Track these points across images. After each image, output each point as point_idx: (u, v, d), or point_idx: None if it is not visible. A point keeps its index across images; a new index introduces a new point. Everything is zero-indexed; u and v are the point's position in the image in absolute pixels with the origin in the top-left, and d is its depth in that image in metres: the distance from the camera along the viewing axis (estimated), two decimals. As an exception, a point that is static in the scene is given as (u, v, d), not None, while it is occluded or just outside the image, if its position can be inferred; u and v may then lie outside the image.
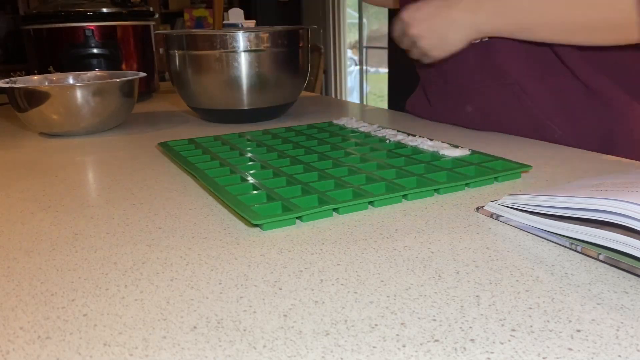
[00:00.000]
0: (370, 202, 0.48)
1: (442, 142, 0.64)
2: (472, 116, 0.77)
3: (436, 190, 0.50)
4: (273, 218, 0.43)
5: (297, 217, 0.45)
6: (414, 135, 0.68)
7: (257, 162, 0.60)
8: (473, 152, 0.60)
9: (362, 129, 0.75)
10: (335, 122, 0.81)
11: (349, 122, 0.79)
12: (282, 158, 0.61)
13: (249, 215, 0.43)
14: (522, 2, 0.59)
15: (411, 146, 0.64)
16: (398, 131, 0.72)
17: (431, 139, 0.65)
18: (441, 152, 0.60)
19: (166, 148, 0.68)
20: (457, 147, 0.62)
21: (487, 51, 0.69)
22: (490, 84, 0.70)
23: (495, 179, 0.54)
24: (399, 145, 0.65)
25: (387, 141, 0.67)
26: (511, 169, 0.54)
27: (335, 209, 0.46)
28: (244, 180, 0.53)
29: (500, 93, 0.71)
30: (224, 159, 0.62)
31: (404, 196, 0.49)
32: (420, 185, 0.50)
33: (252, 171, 0.57)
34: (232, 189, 0.50)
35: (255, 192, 0.49)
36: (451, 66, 0.75)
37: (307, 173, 0.55)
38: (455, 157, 0.59)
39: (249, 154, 0.64)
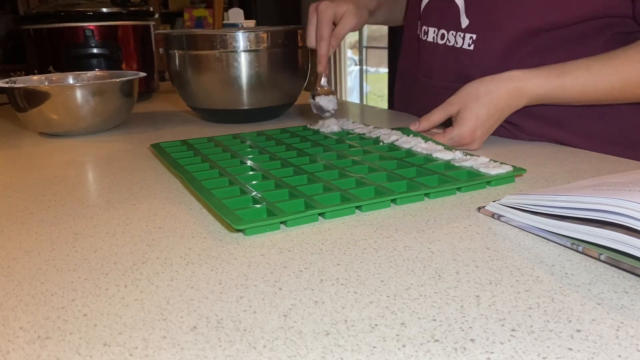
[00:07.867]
0: (358, 207, 0.46)
1: (436, 144, 0.63)
2: None
3: (426, 195, 0.49)
4: (256, 223, 0.42)
5: (281, 222, 0.43)
6: (408, 136, 0.66)
7: (247, 164, 0.59)
8: (467, 154, 0.59)
9: (357, 131, 0.73)
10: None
11: (345, 123, 0.77)
12: (273, 160, 0.60)
13: (232, 219, 0.42)
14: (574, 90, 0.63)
15: (405, 148, 0.63)
16: (392, 129, 0.70)
17: (426, 141, 0.64)
18: (434, 154, 0.59)
19: (158, 150, 0.67)
20: (451, 149, 0.61)
21: (457, 57, 0.75)
22: (460, 85, 0.73)
23: (488, 183, 0.52)
24: (393, 147, 0.64)
25: (381, 143, 0.66)
26: (505, 175, 0.53)
27: (321, 214, 0.45)
28: (232, 183, 0.52)
29: None
30: (214, 161, 0.60)
31: (393, 201, 0.48)
32: (410, 190, 0.49)
33: (242, 174, 0.55)
34: (218, 192, 0.48)
35: (241, 195, 0.48)
36: (435, 64, 0.80)
37: (296, 176, 0.53)
38: (448, 160, 0.57)
39: (241, 157, 0.62)
